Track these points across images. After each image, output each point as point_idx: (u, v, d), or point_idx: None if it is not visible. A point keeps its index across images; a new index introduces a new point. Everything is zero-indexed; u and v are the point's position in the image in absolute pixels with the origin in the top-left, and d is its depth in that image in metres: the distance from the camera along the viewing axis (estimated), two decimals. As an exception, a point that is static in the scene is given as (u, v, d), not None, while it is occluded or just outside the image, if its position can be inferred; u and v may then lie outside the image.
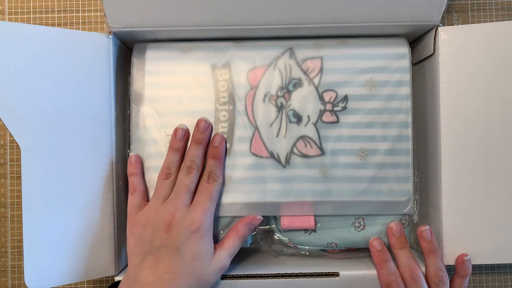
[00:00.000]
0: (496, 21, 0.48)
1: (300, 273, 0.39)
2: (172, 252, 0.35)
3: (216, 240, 0.39)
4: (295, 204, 0.40)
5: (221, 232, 0.40)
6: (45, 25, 0.48)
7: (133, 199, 0.39)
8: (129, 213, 0.38)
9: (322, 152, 0.41)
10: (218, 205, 0.40)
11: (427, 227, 0.39)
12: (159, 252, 0.35)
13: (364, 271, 0.39)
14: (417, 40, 0.44)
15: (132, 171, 0.40)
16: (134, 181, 0.39)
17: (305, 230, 0.42)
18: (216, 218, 0.40)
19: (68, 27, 0.48)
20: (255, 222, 0.40)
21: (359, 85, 0.41)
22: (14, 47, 0.35)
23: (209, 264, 0.36)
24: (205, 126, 0.39)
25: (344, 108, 0.41)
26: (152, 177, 0.40)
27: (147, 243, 0.36)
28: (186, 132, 0.40)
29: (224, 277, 0.39)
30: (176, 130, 0.40)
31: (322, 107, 0.41)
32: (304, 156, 0.41)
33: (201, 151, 0.39)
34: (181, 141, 0.39)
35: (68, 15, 0.49)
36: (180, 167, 0.39)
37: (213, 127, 0.40)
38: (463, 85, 0.39)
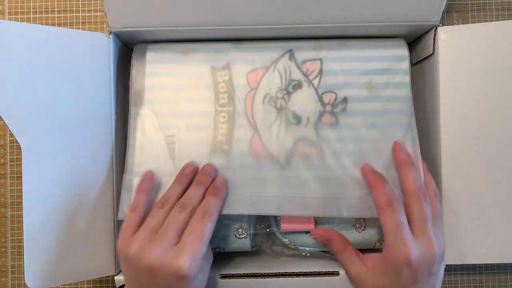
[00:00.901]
0: (496, 21, 0.48)
1: (300, 272, 0.39)
2: None
3: None
4: (295, 205, 0.40)
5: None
6: (45, 25, 0.48)
7: (130, 218, 0.36)
8: (122, 232, 0.36)
9: (322, 154, 0.41)
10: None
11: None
12: None
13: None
14: (417, 40, 0.44)
15: (142, 188, 0.38)
16: (139, 199, 0.38)
17: (306, 231, 0.42)
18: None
19: (68, 27, 0.48)
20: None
21: (358, 86, 0.41)
22: (14, 46, 0.35)
23: (203, 279, 0.36)
24: (209, 170, 0.39)
25: (344, 109, 0.41)
26: None
27: (135, 275, 0.34)
28: (195, 169, 0.39)
29: (224, 276, 0.39)
30: (185, 166, 0.39)
31: (321, 109, 0.41)
32: (304, 157, 0.41)
33: (201, 191, 0.38)
34: (188, 176, 0.39)
35: (68, 15, 0.49)
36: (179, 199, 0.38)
37: (213, 128, 0.40)
38: (463, 85, 0.40)
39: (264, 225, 0.43)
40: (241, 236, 0.42)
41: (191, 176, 0.39)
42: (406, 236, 0.34)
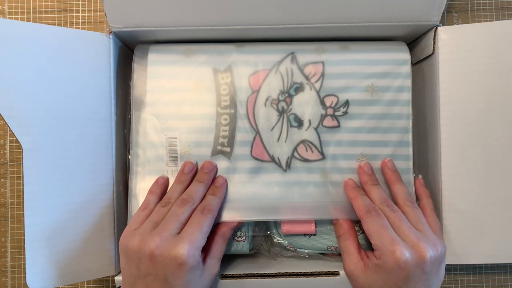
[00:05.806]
0: (496, 21, 0.48)
1: (300, 272, 0.39)
2: (161, 282, 0.33)
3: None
4: (296, 208, 0.40)
5: None
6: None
7: (138, 215, 0.37)
8: (129, 224, 0.37)
9: (323, 157, 0.41)
10: (219, 209, 0.39)
11: (390, 159, 0.40)
12: (147, 279, 0.34)
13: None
14: (417, 40, 0.44)
15: (154, 190, 0.39)
16: (150, 198, 0.38)
17: (305, 234, 0.42)
18: (215, 224, 0.39)
19: (68, 27, 0.48)
20: (238, 226, 0.40)
21: (360, 90, 0.41)
22: (14, 45, 0.35)
23: (201, 282, 0.35)
24: (209, 167, 0.39)
25: (345, 113, 0.41)
26: (152, 181, 0.40)
27: (135, 267, 0.34)
28: (194, 167, 0.40)
29: (224, 277, 0.39)
30: (184, 164, 0.40)
31: (323, 112, 0.41)
32: (305, 160, 0.41)
33: (202, 188, 0.38)
34: (188, 174, 0.39)
35: (68, 15, 0.49)
36: None
37: (215, 131, 0.40)
38: (463, 85, 0.40)
39: (263, 227, 0.43)
40: (240, 239, 0.42)
41: (191, 174, 0.39)
42: (390, 236, 0.35)
